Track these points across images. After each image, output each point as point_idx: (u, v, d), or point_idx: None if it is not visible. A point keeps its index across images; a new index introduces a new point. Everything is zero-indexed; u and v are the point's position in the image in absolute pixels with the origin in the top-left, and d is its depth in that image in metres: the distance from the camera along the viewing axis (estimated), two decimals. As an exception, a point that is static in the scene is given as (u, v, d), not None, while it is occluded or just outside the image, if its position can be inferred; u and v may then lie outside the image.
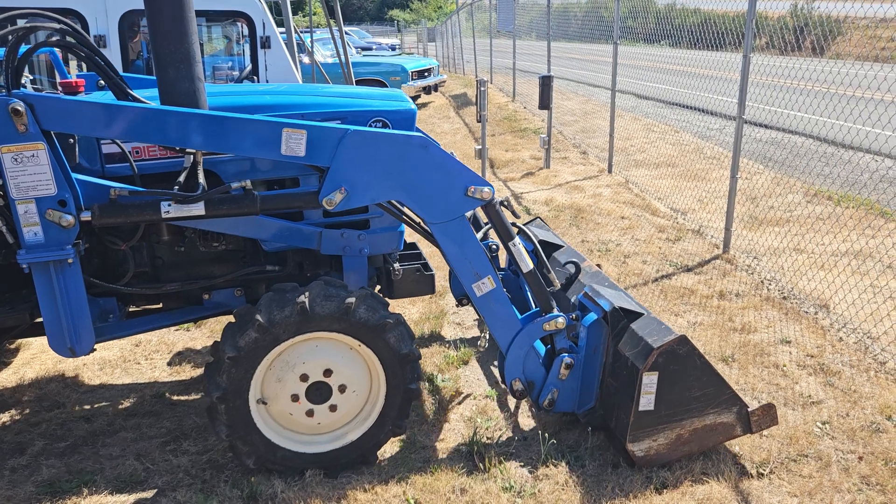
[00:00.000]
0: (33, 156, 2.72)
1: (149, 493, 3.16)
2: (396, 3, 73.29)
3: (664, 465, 3.23)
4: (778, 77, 7.21)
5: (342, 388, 3.16)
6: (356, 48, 22.03)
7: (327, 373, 3.12)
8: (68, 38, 2.88)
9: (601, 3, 13.43)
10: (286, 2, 8.89)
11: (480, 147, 8.76)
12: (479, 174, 9.21)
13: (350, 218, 3.52)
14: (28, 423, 3.77)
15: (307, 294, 2.98)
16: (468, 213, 3.28)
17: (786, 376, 4.08)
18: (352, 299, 3.01)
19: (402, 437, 3.51)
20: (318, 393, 3.13)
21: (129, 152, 3.19)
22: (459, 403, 3.90)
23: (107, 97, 3.18)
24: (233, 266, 3.57)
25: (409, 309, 5.21)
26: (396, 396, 3.22)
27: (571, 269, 4.00)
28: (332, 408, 3.17)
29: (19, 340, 4.55)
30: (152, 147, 3.27)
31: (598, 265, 4.20)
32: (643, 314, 3.34)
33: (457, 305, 4.79)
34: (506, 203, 3.60)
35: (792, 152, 9.82)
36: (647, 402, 3.12)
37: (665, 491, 3.11)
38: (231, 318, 3.14)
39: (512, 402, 3.90)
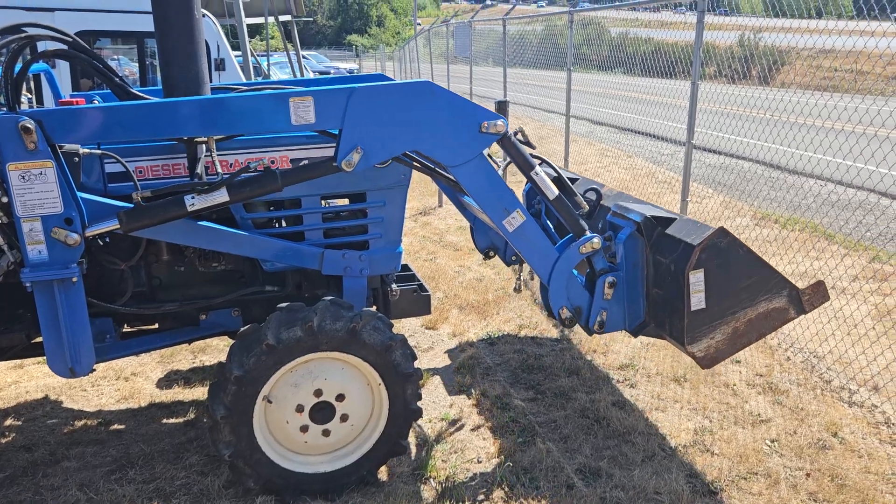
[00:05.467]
0: (41, 174, 2.70)
1: (92, 525, 3.06)
2: (355, 28, 73.70)
3: (723, 362, 3.24)
4: (727, 104, 7.42)
5: (344, 418, 3.16)
6: (314, 72, 22.02)
7: (340, 397, 3.12)
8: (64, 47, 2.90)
9: (557, 31, 13.69)
10: (242, 25, 8.85)
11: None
12: (437, 198, 9.29)
13: (351, 238, 3.52)
14: (-35, 453, 3.62)
15: (315, 314, 2.98)
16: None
17: (736, 395, 4.15)
18: (359, 320, 3.03)
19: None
20: (322, 413, 3.12)
21: (133, 171, 3.13)
22: (418, 427, 3.87)
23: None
24: (231, 286, 3.56)
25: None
26: (398, 416, 3.22)
27: (592, 196, 3.96)
28: (326, 432, 3.15)
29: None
30: (155, 166, 3.24)
31: None
32: (676, 218, 3.32)
33: (484, 259, 4.75)
34: (519, 134, 3.54)
35: (741, 177, 10.09)
36: (697, 301, 3.09)
37: (619, 511, 3.12)
38: (218, 340, 3.09)
39: (467, 424, 3.88)
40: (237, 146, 3.31)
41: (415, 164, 3.38)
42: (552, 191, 3.30)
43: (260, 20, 11.44)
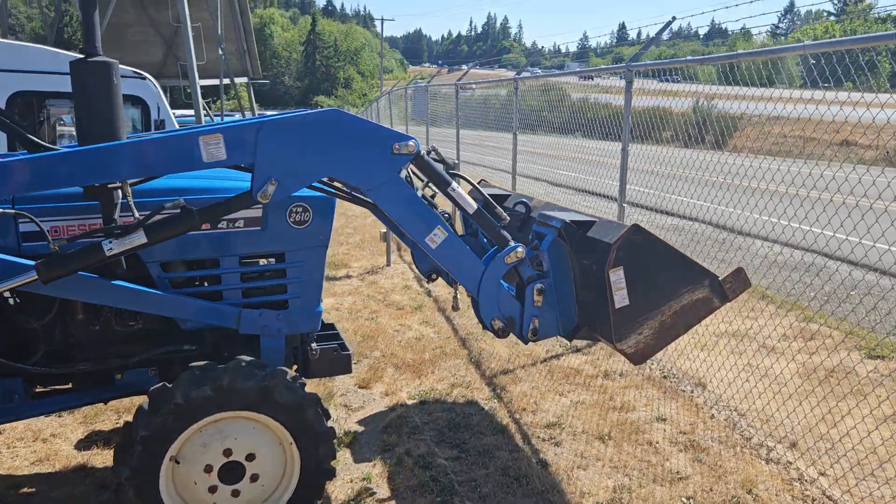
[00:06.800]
0: None
1: (-15, 593, 2.96)
2: (322, 90, 74.86)
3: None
4: (682, 168, 7.65)
5: (254, 478, 3.13)
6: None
7: (250, 457, 3.10)
8: None
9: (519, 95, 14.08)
10: (196, 86, 9.00)
11: (387, 230, 8.85)
12: (385, 258, 9.35)
13: (270, 298, 3.53)
14: None
15: (226, 373, 2.98)
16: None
17: (657, 453, 4.19)
18: (271, 379, 3.03)
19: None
20: (231, 474, 3.09)
21: (49, 231, 3.09)
22: (337, 486, 3.83)
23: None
24: (148, 345, 3.51)
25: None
26: (311, 476, 3.20)
27: (522, 209, 3.98)
28: (235, 493, 3.12)
29: None
30: (71, 226, 3.21)
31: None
32: (595, 221, 3.36)
33: (427, 282, 4.72)
34: (433, 152, 3.54)
35: (692, 238, 10.31)
36: (621, 298, 3.12)
37: (528, 571, 3.11)
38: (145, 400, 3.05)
39: (388, 483, 3.85)
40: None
41: (338, 192, 3.44)
42: (470, 205, 3.37)
43: (216, 82, 11.64)
